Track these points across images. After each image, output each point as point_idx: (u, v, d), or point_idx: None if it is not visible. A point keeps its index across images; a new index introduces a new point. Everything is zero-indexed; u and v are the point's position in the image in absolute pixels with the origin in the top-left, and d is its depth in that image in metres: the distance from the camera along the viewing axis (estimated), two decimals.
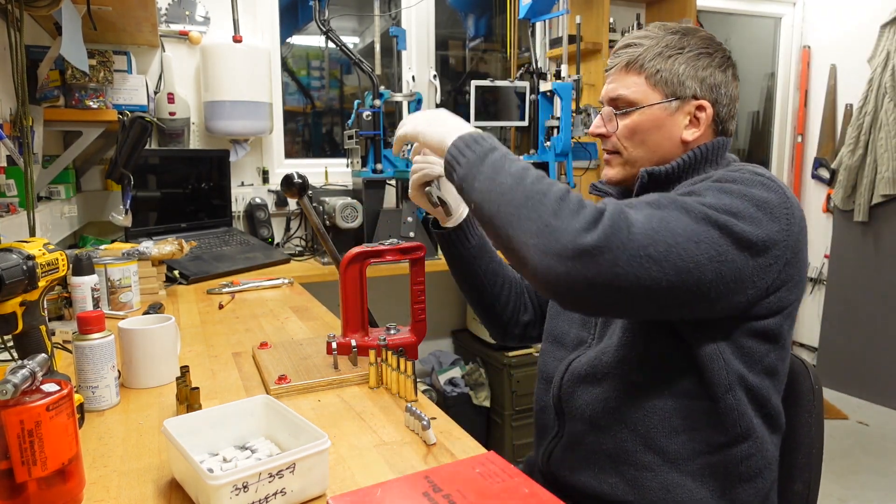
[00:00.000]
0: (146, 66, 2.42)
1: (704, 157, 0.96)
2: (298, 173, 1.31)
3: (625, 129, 0.99)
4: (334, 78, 3.09)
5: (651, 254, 0.74)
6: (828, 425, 2.96)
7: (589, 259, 0.73)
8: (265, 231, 2.55)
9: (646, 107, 0.97)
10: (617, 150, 1.01)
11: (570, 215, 0.75)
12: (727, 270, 0.79)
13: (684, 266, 0.76)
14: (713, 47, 0.98)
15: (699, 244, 0.77)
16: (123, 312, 1.49)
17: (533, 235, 0.75)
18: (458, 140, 0.88)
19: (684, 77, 0.96)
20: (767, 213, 0.82)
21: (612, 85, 1.00)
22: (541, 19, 2.82)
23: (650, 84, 0.97)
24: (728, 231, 0.79)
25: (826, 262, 3.62)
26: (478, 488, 0.66)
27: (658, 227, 0.76)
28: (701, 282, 0.78)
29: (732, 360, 0.88)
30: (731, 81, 0.99)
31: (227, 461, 0.75)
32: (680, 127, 0.97)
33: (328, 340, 1.13)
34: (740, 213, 0.81)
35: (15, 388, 0.63)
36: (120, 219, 1.87)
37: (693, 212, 0.79)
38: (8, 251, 0.85)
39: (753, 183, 0.85)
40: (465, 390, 2.61)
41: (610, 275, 0.73)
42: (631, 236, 0.74)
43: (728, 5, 3.63)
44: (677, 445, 0.90)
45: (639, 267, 0.74)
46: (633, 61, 0.98)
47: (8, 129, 1.44)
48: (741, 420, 0.89)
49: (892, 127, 3.14)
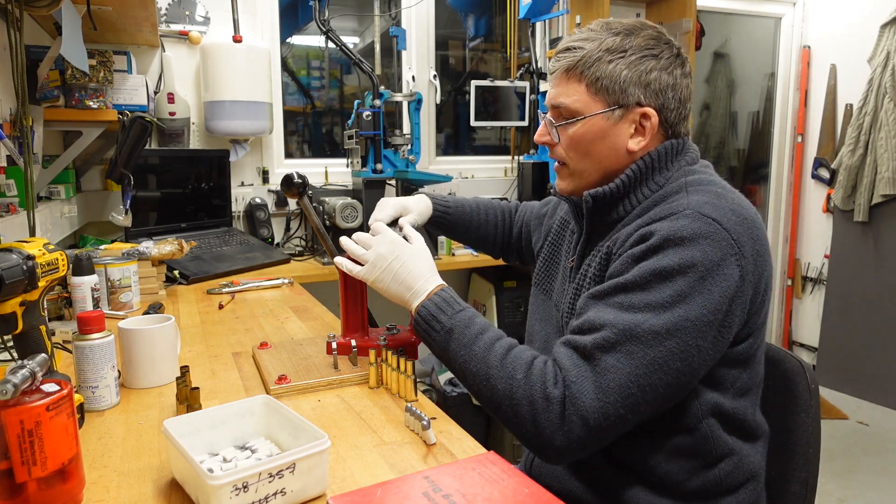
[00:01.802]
0: (146, 66, 2.42)
1: (651, 167, 0.92)
2: (298, 173, 1.31)
3: (568, 139, 0.95)
4: (334, 78, 3.09)
5: (620, 416, 0.78)
6: (828, 425, 2.98)
7: (574, 452, 0.79)
8: (265, 231, 2.55)
9: (588, 117, 0.92)
10: (562, 160, 0.98)
11: (537, 420, 0.79)
12: (699, 360, 0.80)
13: (662, 393, 0.79)
14: (659, 47, 0.92)
15: (663, 368, 0.78)
16: (123, 312, 1.49)
17: (519, 436, 0.83)
18: (419, 319, 0.94)
19: (627, 84, 0.90)
20: (713, 275, 0.79)
21: (553, 91, 0.96)
22: (541, 19, 2.82)
23: (591, 92, 0.91)
24: (686, 330, 0.78)
25: (826, 262, 3.62)
26: (478, 488, 0.66)
27: (614, 388, 0.77)
28: (679, 387, 0.81)
29: (704, 391, 0.87)
30: (679, 82, 0.93)
31: (227, 461, 0.75)
32: (625, 136, 0.92)
33: (328, 340, 1.13)
34: (687, 295, 0.78)
35: (15, 388, 0.63)
36: (120, 219, 1.87)
37: (645, 338, 0.78)
38: (8, 251, 0.85)
39: (694, 240, 0.80)
40: (465, 390, 2.61)
41: (601, 443, 0.80)
42: (595, 422, 0.77)
43: (728, 5, 3.63)
44: (658, 476, 0.89)
45: (617, 429, 0.79)
46: (572, 67, 0.92)
47: (8, 129, 1.44)
48: (717, 445, 0.89)
49: (892, 127, 3.14)
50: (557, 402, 0.78)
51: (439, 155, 3.10)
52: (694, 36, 3.05)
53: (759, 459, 0.94)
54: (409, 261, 0.97)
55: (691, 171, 0.93)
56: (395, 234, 1.02)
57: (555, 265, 1.12)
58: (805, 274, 3.83)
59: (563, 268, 1.07)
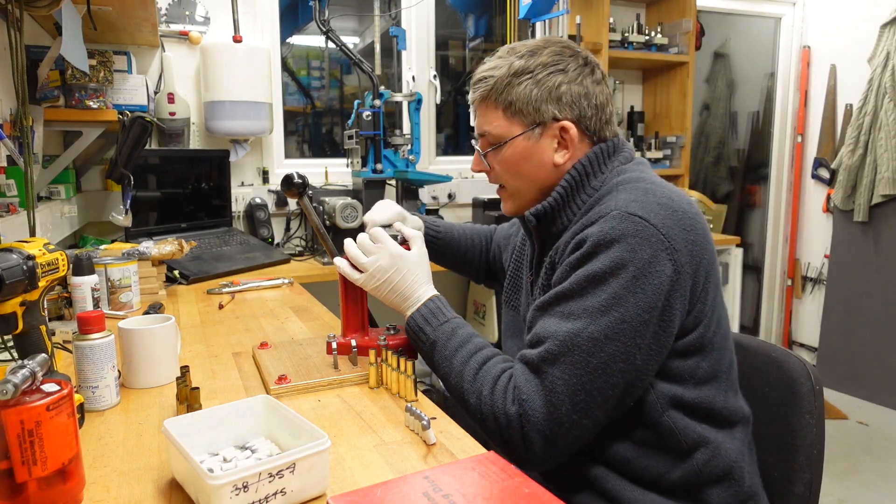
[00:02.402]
0: (146, 66, 2.42)
1: (583, 175, 0.95)
2: (298, 173, 1.31)
3: (499, 164, 1.00)
4: (334, 78, 3.09)
5: (573, 423, 0.82)
6: (828, 425, 2.96)
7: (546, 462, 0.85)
8: (265, 231, 2.55)
9: (509, 140, 0.96)
10: (501, 182, 1.03)
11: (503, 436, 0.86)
12: (641, 358, 0.83)
13: (612, 395, 0.82)
14: (564, 61, 0.94)
15: (607, 371, 0.81)
16: (123, 312, 1.49)
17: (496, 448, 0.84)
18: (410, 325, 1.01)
19: (539, 102, 0.93)
20: (646, 273, 0.81)
21: (477, 119, 1.01)
22: (541, 19, 2.82)
23: (508, 116, 0.95)
24: (622, 334, 0.81)
25: (826, 262, 3.62)
26: (478, 488, 0.66)
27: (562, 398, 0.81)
28: (628, 385, 0.84)
29: (659, 384, 0.88)
30: (592, 90, 0.95)
31: (227, 461, 0.75)
32: (549, 152, 0.96)
33: (328, 340, 1.13)
34: (622, 297, 0.80)
35: (15, 388, 0.63)
36: (120, 219, 1.87)
37: (585, 346, 0.81)
38: (8, 251, 0.85)
39: (622, 240, 0.82)
40: None
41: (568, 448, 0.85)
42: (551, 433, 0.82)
43: (728, 5, 3.63)
44: (636, 473, 0.90)
45: (574, 436, 0.83)
46: (486, 96, 0.97)
47: (8, 129, 1.44)
48: (685, 436, 0.89)
49: (892, 127, 3.14)
50: (515, 419, 0.84)
51: (439, 155, 3.10)
52: (694, 36, 3.05)
53: (738, 446, 0.93)
54: (407, 273, 1.02)
55: (622, 171, 0.95)
56: (395, 246, 1.04)
57: (519, 280, 1.16)
58: (805, 274, 3.83)
59: (525, 283, 1.12)
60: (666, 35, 3.09)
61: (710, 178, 4.16)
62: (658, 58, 3.08)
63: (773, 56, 3.86)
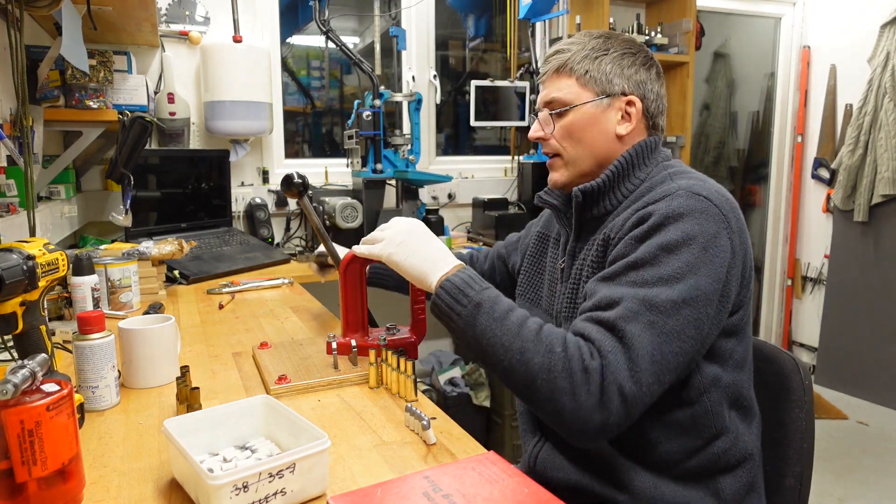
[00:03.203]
0: (146, 66, 2.42)
1: (632, 163, 1.00)
2: (298, 173, 1.31)
3: (561, 129, 1.03)
4: (334, 78, 3.09)
5: (651, 384, 0.80)
6: (828, 425, 2.98)
7: (611, 428, 0.80)
8: (265, 231, 2.55)
9: (579, 105, 1.02)
10: (557, 152, 1.05)
11: (577, 394, 0.79)
12: (707, 327, 0.85)
13: (681, 362, 0.83)
14: (635, 48, 1.05)
15: (681, 336, 0.82)
16: (123, 312, 1.49)
17: (553, 417, 0.81)
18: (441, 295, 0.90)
19: (612, 75, 1.02)
20: (712, 246, 0.85)
21: (545, 90, 1.06)
22: (541, 19, 2.82)
23: (581, 84, 1.02)
24: (698, 299, 0.83)
25: (826, 262, 3.62)
26: (478, 488, 0.66)
27: (644, 356, 0.80)
28: (691, 357, 0.85)
29: (704, 364, 0.91)
30: (655, 79, 1.06)
31: (227, 461, 0.75)
32: (613, 123, 1.02)
33: (328, 340, 1.13)
34: (694, 266, 0.83)
35: (15, 388, 0.63)
36: (120, 219, 1.87)
37: (664, 307, 0.82)
38: (8, 251, 0.85)
39: (691, 215, 0.86)
40: (465, 390, 2.61)
41: (633, 418, 0.81)
42: (630, 392, 0.79)
43: (728, 5, 3.63)
44: (657, 458, 0.92)
45: (647, 400, 0.81)
46: (562, 66, 1.03)
47: (8, 129, 1.44)
48: (716, 420, 0.92)
49: (892, 127, 3.14)
50: (596, 373, 0.79)
51: (439, 155, 3.11)
52: (694, 36, 3.05)
53: (753, 440, 0.97)
54: (425, 236, 0.98)
55: (669, 165, 1.01)
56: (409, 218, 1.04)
57: (538, 275, 1.17)
58: (805, 274, 3.83)
59: (551, 273, 1.12)
60: (666, 35, 3.09)
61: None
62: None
63: (773, 56, 3.85)
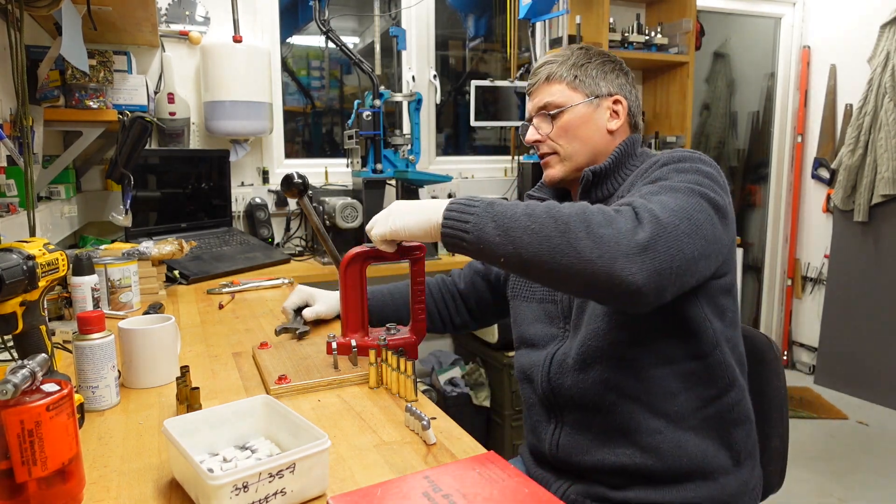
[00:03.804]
0: (146, 66, 2.42)
1: (627, 152, 1.11)
2: (298, 173, 1.31)
3: (558, 129, 1.14)
4: (334, 78, 3.09)
5: (684, 230, 0.83)
6: (828, 425, 2.99)
7: (652, 251, 0.79)
8: (265, 231, 2.55)
9: (572, 106, 1.13)
10: (553, 150, 1.15)
11: (613, 222, 0.81)
12: (716, 233, 0.89)
13: (702, 233, 0.85)
14: (612, 58, 1.17)
15: (701, 213, 0.87)
16: (123, 312, 1.49)
17: (595, 251, 0.79)
18: (452, 208, 0.89)
19: (598, 79, 1.14)
20: (718, 185, 0.95)
21: (537, 98, 1.16)
22: (541, 19, 2.82)
23: (571, 88, 1.13)
24: (709, 199, 0.90)
25: (826, 262, 3.62)
26: (478, 488, 0.66)
27: (675, 209, 0.84)
28: (711, 243, 0.87)
29: (713, 319, 1.00)
30: (632, 84, 1.18)
31: (227, 461, 0.75)
32: (604, 119, 1.14)
33: (328, 340, 1.13)
34: (702, 181, 0.92)
35: (15, 388, 0.63)
36: (120, 219, 1.87)
37: (682, 190, 0.89)
38: (8, 251, 0.85)
39: (699, 160, 0.97)
40: (465, 390, 2.61)
41: (669, 258, 0.80)
42: (666, 222, 0.82)
43: (728, 5, 3.63)
44: (678, 406, 0.99)
45: (685, 245, 0.82)
46: (552, 74, 1.14)
47: (8, 129, 1.44)
48: (727, 371, 1.02)
49: (892, 127, 3.14)
50: (628, 208, 0.84)
51: (439, 155, 3.11)
52: (694, 36, 3.05)
53: (750, 406, 1.08)
54: (413, 203, 0.99)
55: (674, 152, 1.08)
56: None
57: None
58: (805, 274, 3.83)
59: None
60: (666, 35, 3.09)
61: None
62: (658, 58, 3.08)
63: (773, 56, 3.86)
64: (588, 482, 1.05)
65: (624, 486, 1.01)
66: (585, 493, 1.04)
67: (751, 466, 1.06)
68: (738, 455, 1.03)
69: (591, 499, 1.04)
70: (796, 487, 2.45)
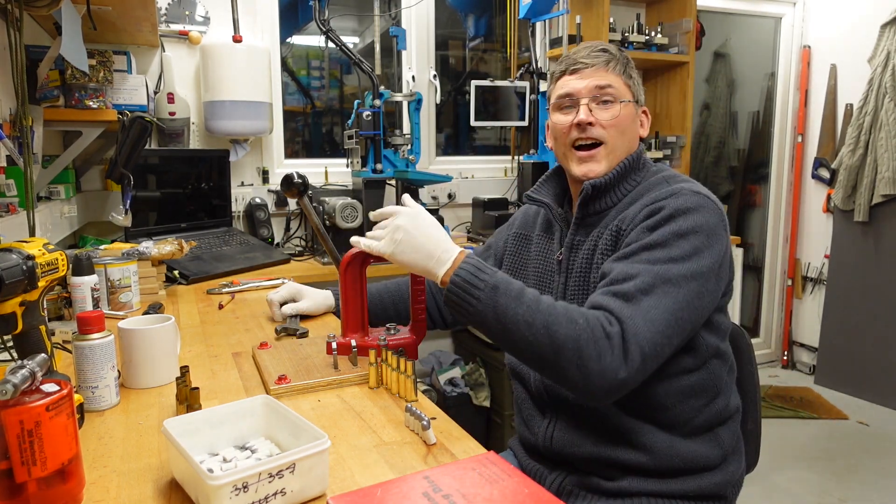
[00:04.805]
0: (146, 66, 2.42)
1: (632, 166, 1.11)
2: (298, 173, 1.31)
3: (612, 118, 1.10)
4: (334, 78, 3.09)
5: (665, 344, 0.91)
6: (828, 425, 2.99)
7: (631, 383, 0.89)
8: (265, 231, 2.55)
9: (626, 101, 1.11)
10: (601, 140, 1.10)
11: (602, 356, 0.87)
12: (709, 301, 0.97)
13: (687, 328, 0.95)
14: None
15: (690, 305, 0.93)
16: (123, 312, 1.49)
17: (580, 381, 0.88)
18: (456, 282, 0.93)
19: (639, 85, 1.15)
20: (714, 235, 0.97)
21: (594, 77, 1.10)
22: (541, 19, 2.82)
23: (625, 84, 1.12)
24: (702, 275, 0.95)
25: (826, 262, 3.62)
26: (478, 488, 0.66)
27: (665, 322, 0.90)
28: (694, 326, 0.97)
29: (707, 336, 1.04)
30: None
31: (227, 461, 0.75)
32: (638, 126, 1.15)
33: (328, 340, 1.13)
34: (700, 249, 0.96)
35: (15, 388, 0.63)
36: (120, 219, 1.87)
37: (677, 281, 0.93)
38: (8, 251, 0.85)
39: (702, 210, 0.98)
40: (465, 390, 2.61)
41: (648, 373, 0.91)
42: (651, 354, 0.89)
43: (728, 5, 3.63)
44: (671, 418, 1.03)
45: (661, 358, 0.92)
46: (613, 60, 1.11)
47: (8, 129, 1.44)
48: (717, 382, 1.06)
49: (892, 127, 3.14)
50: (617, 337, 0.88)
51: (439, 155, 3.10)
52: (694, 36, 3.05)
53: (737, 401, 1.14)
54: (427, 228, 0.99)
55: (660, 171, 1.12)
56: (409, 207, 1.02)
57: (522, 270, 1.24)
58: (805, 274, 3.83)
59: (541, 265, 1.19)
60: (666, 35, 3.09)
61: (711, 178, 4.15)
62: (658, 58, 3.08)
63: (773, 56, 3.85)
64: (582, 473, 1.08)
65: (617, 477, 1.05)
66: (580, 483, 1.08)
67: (737, 460, 1.12)
68: (725, 452, 1.08)
69: (585, 489, 1.07)
70: (796, 487, 2.45)
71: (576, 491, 1.08)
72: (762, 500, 2.37)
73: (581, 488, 1.07)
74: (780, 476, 2.54)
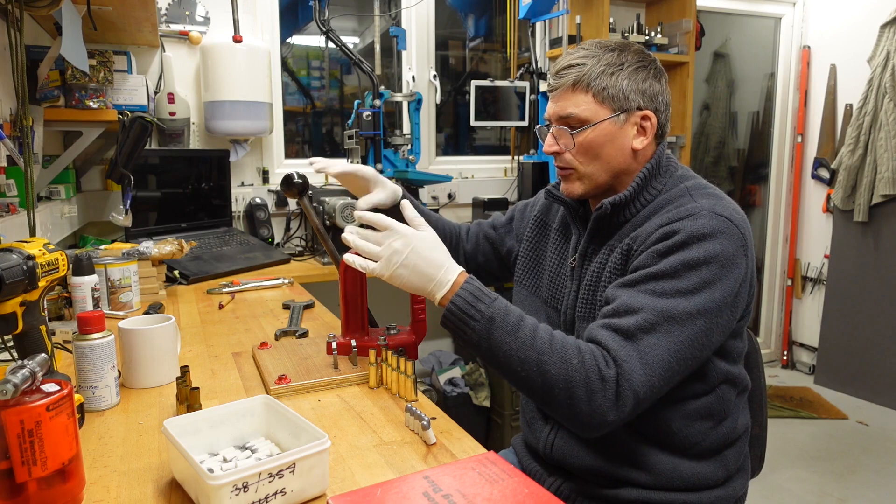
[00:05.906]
0: (146, 66, 2.42)
1: (652, 174, 1.04)
2: (298, 173, 1.31)
3: (579, 146, 1.04)
4: (334, 78, 3.09)
5: (661, 387, 0.88)
6: (828, 425, 2.99)
7: (621, 423, 0.87)
8: (265, 231, 2.55)
9: (597, 123, 1.02)
10: (571, 166, 1.06)
11: (593, 398, 0.85)
12: (718, 335, 0.93)
13: (691, 366, 0.91)
14: (647, 60, 1.07)
15: (695, 344, 0.89)
16: (123, 312, 1.49)
17: (569, 419, 0.88)
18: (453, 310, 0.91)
19: (628, 91, 1.03)
20: (730, 265, 0.91)
21: (560, 104, 1.05)
22: (541, 19, 2.82)
23: (598, 101, 1.02)
24: (712, 311, 0.90)
25: (826, 262, 3.62)
26: (478, 488, 0.66)
27: (658, 363, 0.87)
28: (701, 360, 0.93)
29: (718, 362, 1.00)
30: (665, 89, 1.08)
31: (227, 461, 0.75)
32: (629, 137, 1.04)
33: (328, 340, 1.14)
34: (711, 281, 0.90)
35: (15, 388, 0.63)
36: (120, 219, 1.87)
37: (683, 320, 0.88)
38: (8, 251, 0.85)
39: (715, 236, 0.92)
40: (465, 390, 2.61)
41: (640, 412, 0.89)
42: (646, 396, 0.86)
43: (728, 5, 3.63)
44: (679, 441, 1.00)
45: (657, 397, 0.89)
46: (578, 81, 1.03)
47: (8, 129, 1.44)
48: (726, 406, 1.03)
49: (892, 127, 3.14)
50: (612, 381, 0.86)
51: (439, 155, 3.10)
52: (694, 36, 3.05)
53: (747, 413, 1.11)
54: (425, 251, 0.94)
55: (684, 178, 1.05)
56: (405, 227, 0.96)
57: (538, 263, 1.21)
58: (805, 274, 3.83)
59: (555, 267, 1.16)
60: (666, 35, 3.09)
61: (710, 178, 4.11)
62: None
63: (773, 56, 3.85)
64: (580, 481, 1.07)
65: (616, 486, 1.03)
66: (578, 490, 1.07)
67: (742, 477, 1.09)
68: (729, 473, 1.05)
69: (583, 496, 1.06)
70: (796, 487, 2.45)
71: (573, 496, 1.07)
72: (762, 500, 2.37)
73: (579, 494, 1.06)
74: (780, 476, 2.54)
